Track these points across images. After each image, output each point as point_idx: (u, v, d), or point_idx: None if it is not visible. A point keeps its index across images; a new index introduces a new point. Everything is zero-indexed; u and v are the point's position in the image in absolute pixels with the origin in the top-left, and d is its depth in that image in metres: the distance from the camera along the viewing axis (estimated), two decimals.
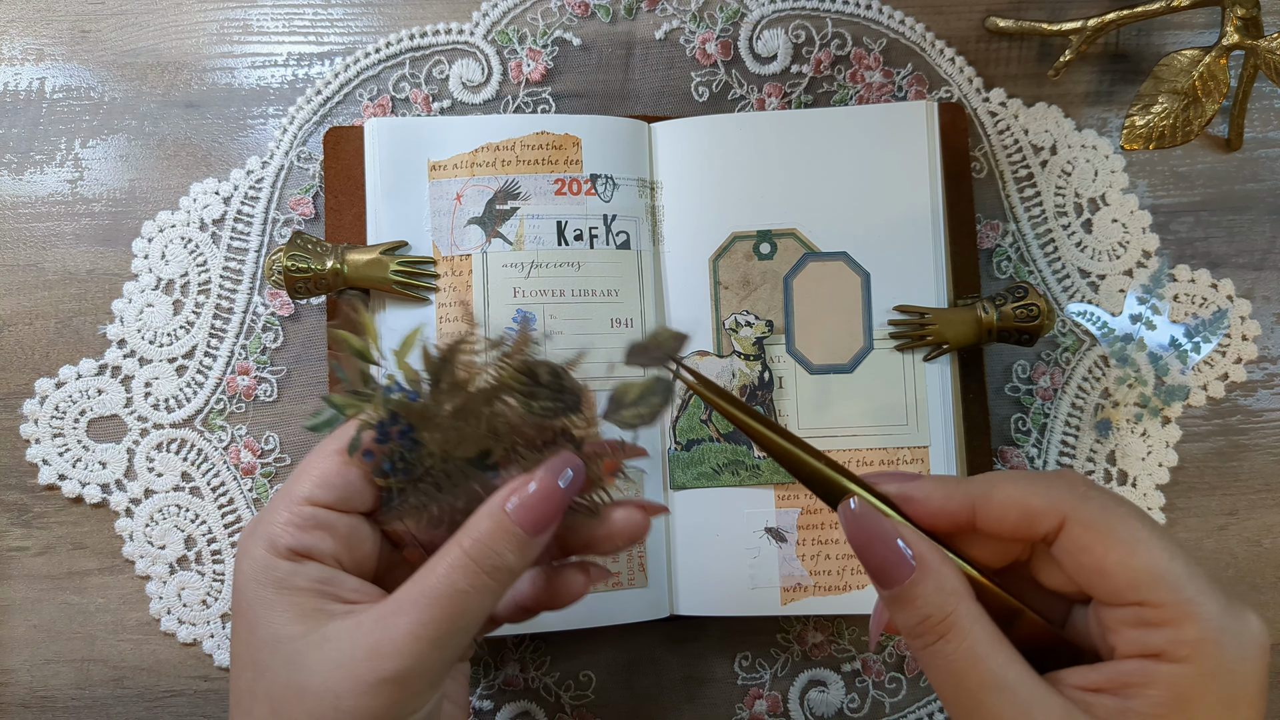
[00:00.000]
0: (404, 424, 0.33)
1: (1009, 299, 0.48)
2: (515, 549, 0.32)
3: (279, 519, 0.33)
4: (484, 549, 0.31)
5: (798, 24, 0.54)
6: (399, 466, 0.33)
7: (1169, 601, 0.28)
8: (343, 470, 0.33)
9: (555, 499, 0.32)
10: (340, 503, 0.33)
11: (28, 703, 0.50)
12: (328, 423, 0.34)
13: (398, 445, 0.33)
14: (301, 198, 0.53)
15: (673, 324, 0.49)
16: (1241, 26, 0.49)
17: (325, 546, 0.33)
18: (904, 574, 0.30)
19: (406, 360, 0.33)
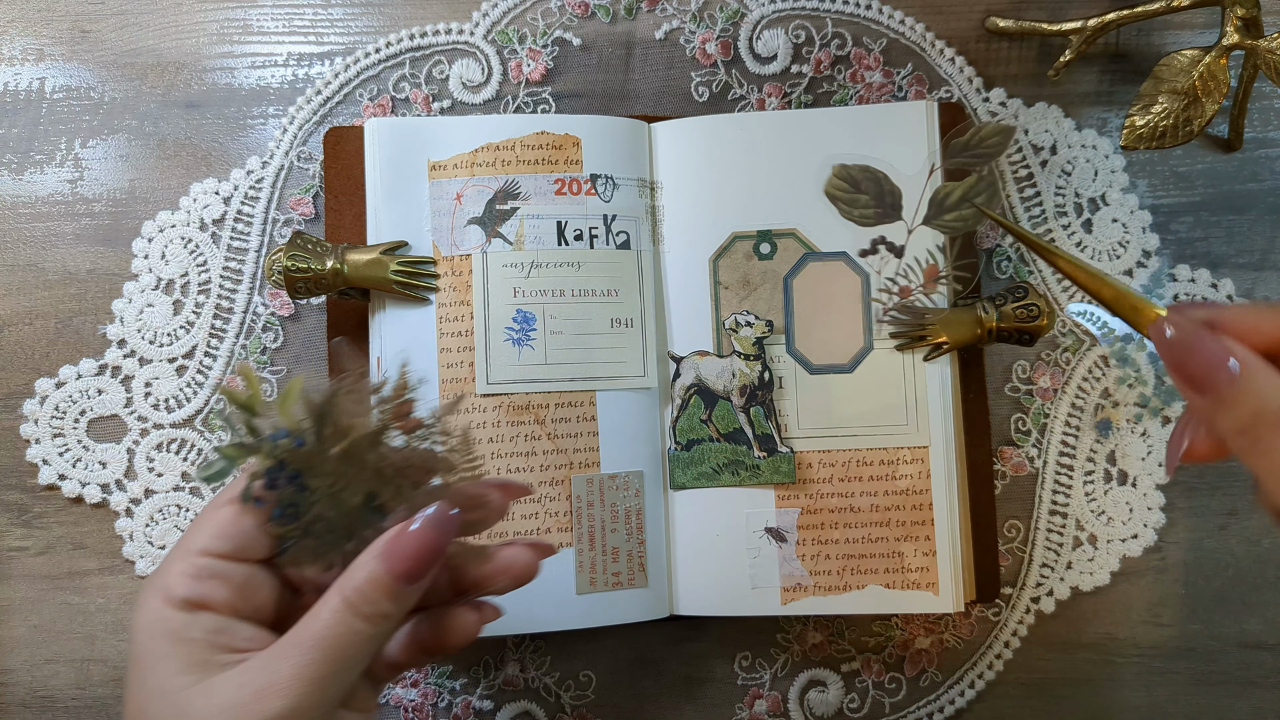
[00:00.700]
0: (291, 471, 0.34)
1: (1009, 299, 0.48)
2: (391, 596, 0.33)
3: (174, 570, 0.33)
4: (361, 596, 0.32)
5: (798, 24, 0.54)
6: (289, 513, 0.34)
7: None
8: (237, 520, 0.34)
9: (430, 547, 0.33)
10: (236, 552, 0.34)
11: (28, 703, 0.50)
12: (219, 473, 0.35)
13: (287, 492, 0.34)
14: (301, 198, 0.53)
15: (673, 324, 0.49)
16: (1241, 26, 0.49)
17: (220, 596, 0.34)
18: (1227, 378, 0.30)
19: (290, 410, 0.34)
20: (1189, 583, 0.52)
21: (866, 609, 0.48)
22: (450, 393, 0.46)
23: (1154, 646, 0.51)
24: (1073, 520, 0.52)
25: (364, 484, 0.34)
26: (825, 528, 0.48)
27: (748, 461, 0.48)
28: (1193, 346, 0.31)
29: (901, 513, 0.48)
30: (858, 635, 0.51)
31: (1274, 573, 0.52)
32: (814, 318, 0.49)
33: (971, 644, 0.51)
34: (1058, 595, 0.51)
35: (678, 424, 0.49)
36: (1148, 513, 0.52)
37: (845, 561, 0.48)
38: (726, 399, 0.48)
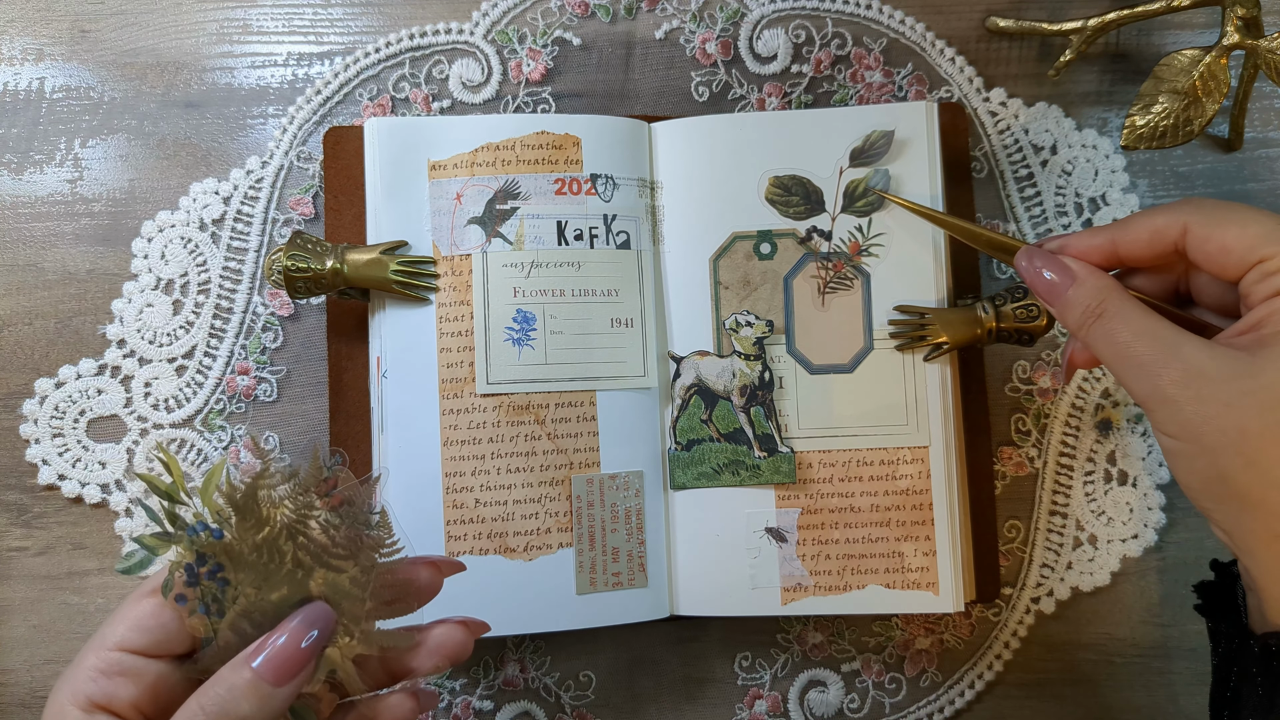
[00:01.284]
0: (213, 564, 0.33)
1: (1009, 299, 0.48)
2: (253, 699, 0.32)
3: (87, 664, 0.33)
4: (219, 702, 0.31)
5: (798, 24, 0.54)
6: (212, 609, 0.33)
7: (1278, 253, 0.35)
8: (156, 613, 0.33)
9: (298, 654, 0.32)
10: (153, 647, 0.33)
11: (28, 703, 0.50)
12: (140, 564, 0.34)
13: (209, 587, 0.33)
14: (301, 197, 0.53)
15: (673, 324, 0.49)
16: (1242, 26, 0.49)
17: (126, 694, 0.33)
18: (1066, 284, 0.39)
19: (211, 498, 0.33)
20: (1189, 583, 0.51)
21: (866, 609, 0.47)
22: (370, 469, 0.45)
23: (1154, 646, 0.51)
24: (1073, 520, 0.52)
25: (284, 579, 0.33)
26: (825, 528, 0.48)
27: (748, 461, 0.48)
28: (1042, 265, 0.40)
29: (901, 513, 0.48)
30: (858, 635, 0.51)
31: None
32: (814, 318, 0.49)
33: (971, 644, 0.51)
34: (1058, 595, 0.51)
35: (678, 424, 0.49)
36: (1148, 513, 0.52)
37: (845, 561, 0.48)
38: (727, 399, 0.48)
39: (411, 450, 0.46)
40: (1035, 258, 0.40)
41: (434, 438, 0.46)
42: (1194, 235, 0.37)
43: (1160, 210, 0.38)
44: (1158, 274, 0.40)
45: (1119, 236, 0.39)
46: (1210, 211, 0.37)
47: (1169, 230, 0.38)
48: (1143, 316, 0.37)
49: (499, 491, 0.47)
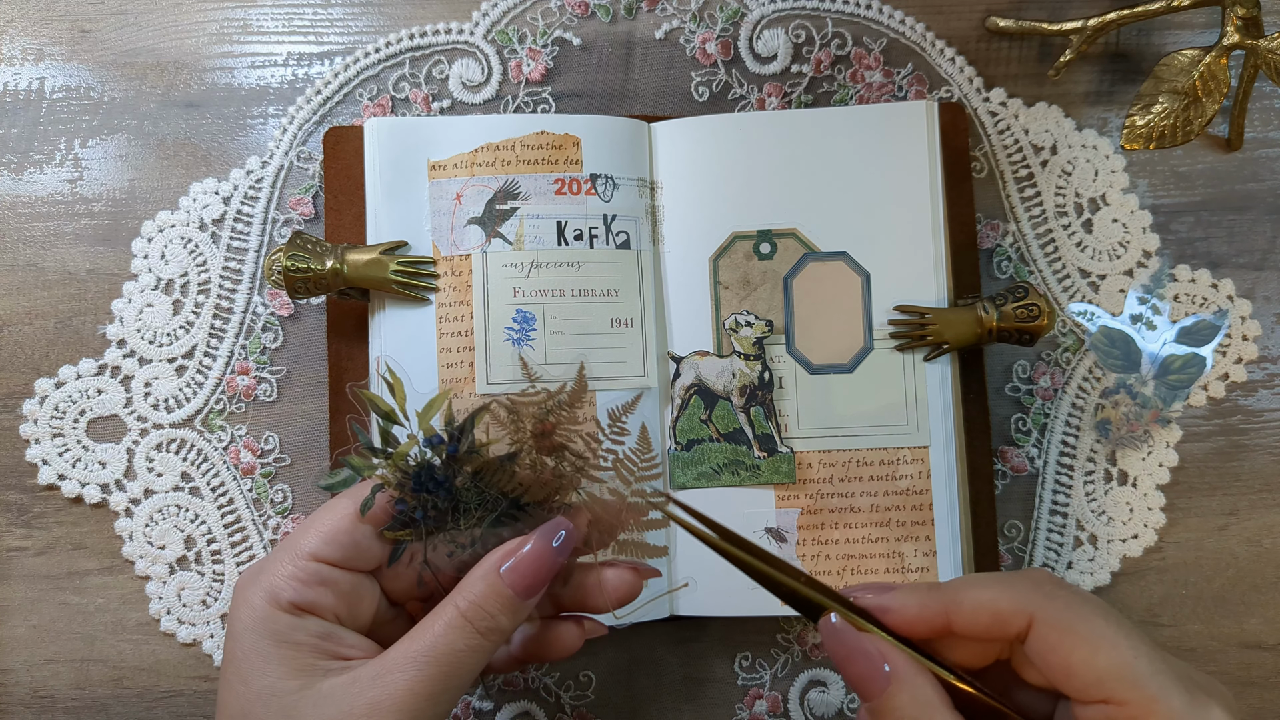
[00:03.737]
0: (441, 474, 0.34)
1: (1009, 299, 0.48)
2: (507, 610, 0.33)
3: (283, 571, 0.34)
4: (478, 610, 0.33)
5: (798, 24, 0.54)
6: (430, 515, 0.34)
7: (1133, 699, 0.29)
8: (351, 529, 0.34)
9: (546, 563, 0.34)
10: (345, 560, 0.34)
11: (28, 703, 0.50)
12: (344, 482, 0.35)
13: (433, 496, 0.34)
14: (301, 198, 0.53)
15: (673, 324, 0.49)
16: (1242, 26, 0.49)
17: (327, 602, 0.34)
18: (881, 686, 0.31)
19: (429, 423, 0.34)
20: (1189, 583, 0.52)
21: None
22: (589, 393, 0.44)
23: None
24: (1073, 520, 0.52)
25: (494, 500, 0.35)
26: (825, 528, 0.48)
27: (748, 461, 0.48)
28: (851, 651, 0.32)
29: (901, 513, 0.48)
30: None
31: (1274, 573, 0.52)
32: (814, 318, 0.49)
33: None
34: None
35: (678, 424, 0.49)
36: (1148, 513, 0.52)
37: (845, 561, 0.48)
38: (726, 399, 0.48)
39: None
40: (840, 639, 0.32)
41: None
42: (1038, 637, 0.31)
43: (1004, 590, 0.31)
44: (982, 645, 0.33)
45: (954, 612, 0.32)
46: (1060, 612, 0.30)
47: (1012, 622, 0.31)
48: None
49: None
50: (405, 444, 0.34)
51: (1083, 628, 0.30)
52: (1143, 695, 0.29)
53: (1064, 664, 0.30)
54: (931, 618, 0.32)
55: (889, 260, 0.49)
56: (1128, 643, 0.30)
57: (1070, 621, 0.30)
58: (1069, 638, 0.30)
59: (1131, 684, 0.29)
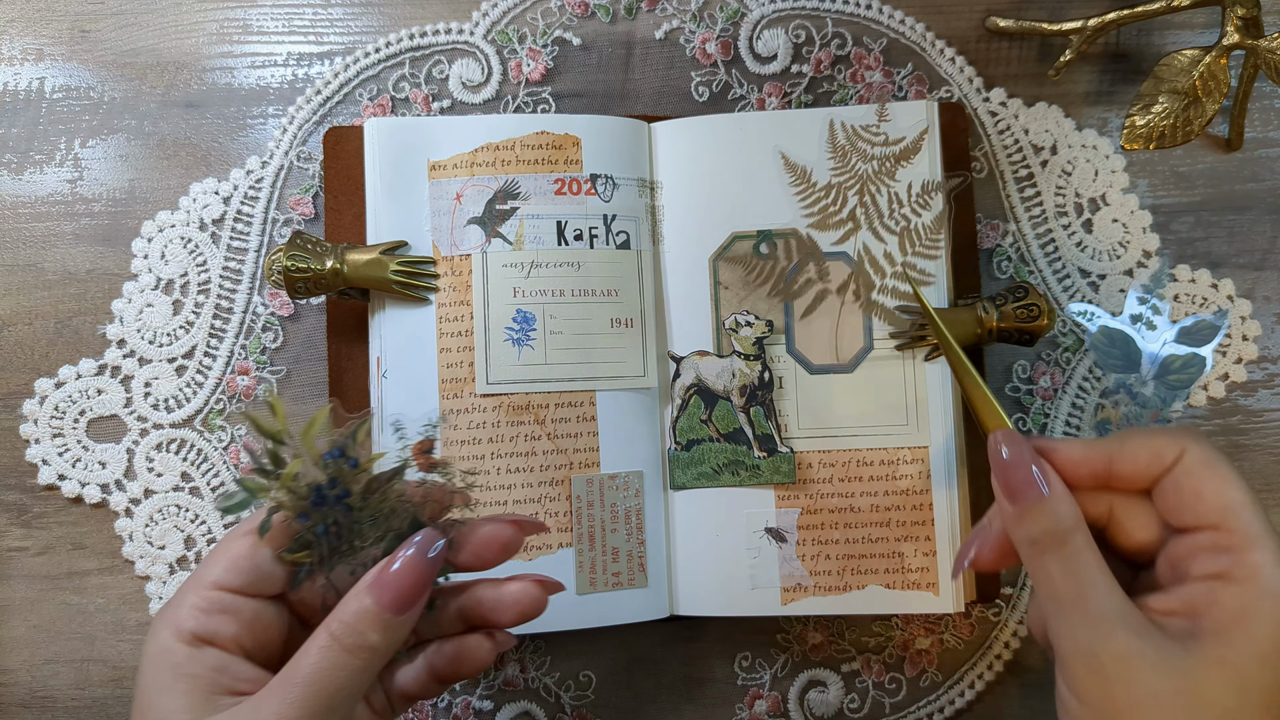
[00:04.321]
0: (340, 489, 0.34)
1: (1009, 299, 0.48)
2: (376, 627, 0.33)
3: (186, 602, 0.34)
4: (347, 629, 0.33)
5: (798, 24, 0.54)
6: (331, 531, 0.34)
7: (1240, 530, 0.33)
8: (252, 554, 0.34)
9: (415, 578, 0.33)
10: (248, 587, 0.34)
11: (28, 703, 0.50)
12: (240, 504, 0.35)
13: (333, 511, 0.34)
14: (301, 198, 0.53)
15: (673, 324, 0.49)
16: (1242, 26, 0.49)
17: (228, 631, 0.34)
18: (1036, 494, 0.35)
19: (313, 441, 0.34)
20: None
21: (866, 609, 0.47)
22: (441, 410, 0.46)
23: None
24: None
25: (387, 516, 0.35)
26: (825, 528, 0.48)
27: (748, 461, 0.48)
28: (1018, 462, 0.36)
29: (901, 513, 0.48)
30: (858, 635, 0.51)
31: None
32: (814, 318, 0.49)
33: (971, 644, 0.51)
34: None
35: (678, 424, 0.49)
36: None
37: (845, 561, 0.48)
38: (726, 399, 0.48)
39: None
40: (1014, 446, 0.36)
41: None
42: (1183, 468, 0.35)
43: (1161, 433, 0.36)
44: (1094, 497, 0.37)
45: (1117, 455, 0.36)
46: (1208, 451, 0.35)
47: (1168, 453, 0.35)
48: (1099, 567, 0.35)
49: (499, 491, 0.47)
50: (292, 464, 0.34)
51: (1220, 467, 0.34)
52: (1251, 530, 0.33)
53: (1197, 489, 0.34)
54: (1095, 460, 0.36)
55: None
56: (1251, 497, 0.34)
57: (1212, 459, 0.34)
58: (1210, 470, 0.34)
59: (1246, 520, 0.33)
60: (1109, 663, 0.33)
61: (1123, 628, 0.33)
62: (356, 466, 0.34)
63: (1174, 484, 0.35)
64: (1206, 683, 0.32)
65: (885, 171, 0.39)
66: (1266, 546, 0.33)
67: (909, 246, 0.40)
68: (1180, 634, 0.33)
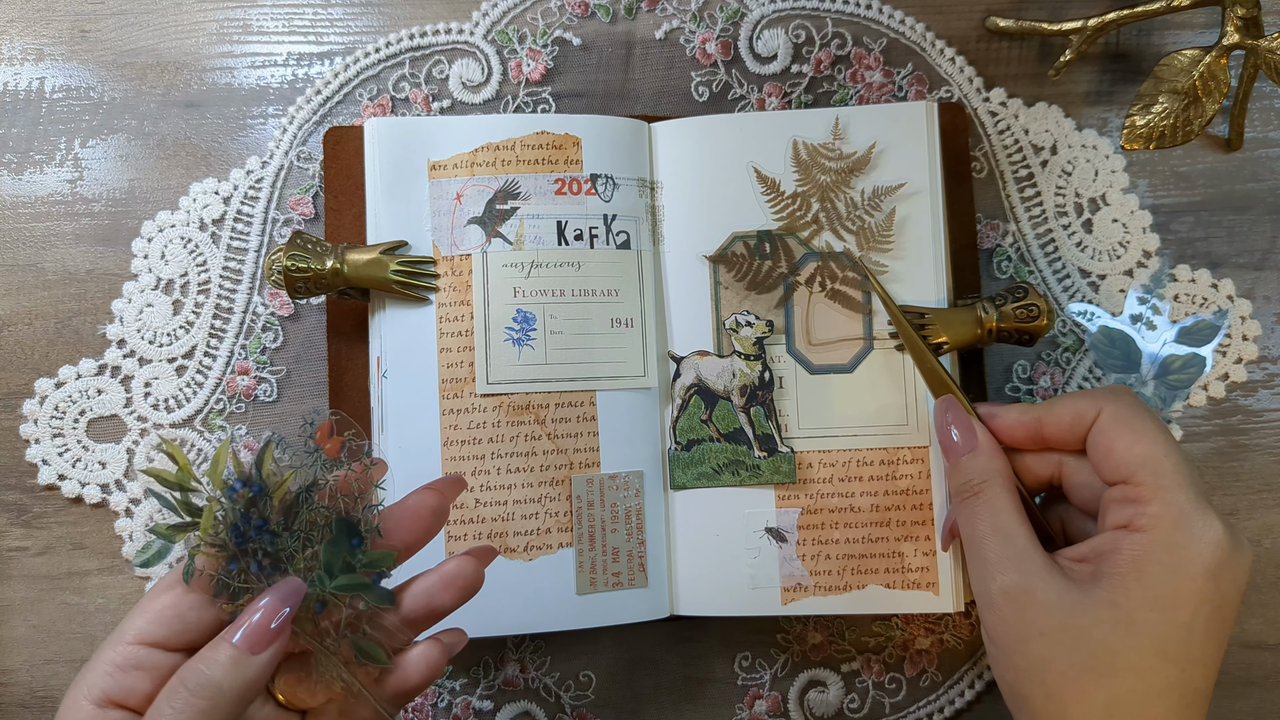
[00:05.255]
0: (258, 519, 0.33)
1: (1009, 299, 0.48)
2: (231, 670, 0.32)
3: (103, 659, 0.33)
4: (192, 668, 0.32)
5: (798, 24, 0.54)
6: (265, 564, 0.33)
7: (1147, 482, 0.35)
8: (176, 603, 0.34)
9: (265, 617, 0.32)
10: (171, 639, 0.33)
11: (28, 703, 0.50)
12: (158, 555, 0.34)
13: (261, 542, 0.33)
14: (301, 198, 0.53)
15: (673, 324, 0.49)
16: (1242, 26, 0.49)
17: (142, 688, 0.33)
18: (964, 449, 0.41)
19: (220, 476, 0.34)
20: None
21: (866, 609, 0.47)
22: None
23: None
24: None
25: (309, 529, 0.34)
26: (825, 528, 0.48)
27: (748, 461, 0.48)
28: (954, 419, 0.42)
29: (902, 513, 0.48)
30: (858, 635, 0.51)
31: (1274, 573, 0.52)
32: (814, 318, 0.49)
33: (971, 644, 0.51)
34: None
35: (678, 424, 0.49)
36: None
37: (845, 561, 0.48)
38: (727, 399, 0.48)
39: (411, 450, 0.46)
40: (950, 411, 0.42)
41: (434, 438, 0.46)
42: (1098, 427, 0.38)
43: (1085, 395, 0.39)
44: (1042, 457, 0.41)
45: (1046, 415, 0.40)
46: (1123, 409, 0.37)
47: (1087, 415, 0.38)
48: (1009, 514, 0.38)
49: (499, 491, 0.47)
50: (208, 506, 0.33)
51: (1135, 423, 0.37)
52: (1157, 482, 0.35)
53: (1109, 446, 0.37)
54: (1029, 423, 0.40)
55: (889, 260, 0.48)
56: (1167, 447, 0.36)
57: (1126, 416, 0.37)
58: (1121, 427, 0.37)
59: (1153, 472, 0.35)
60: (1000, 599, 0.36)
61: (1017, 569, 0.36)
62: (261, 492, 0.33)
63: (1093, 442, 0.38)
64: (1097, 622, 0.34)
65: (841, 181, 0.47)
66: (1170, 500, 0.35)
67: (864, 243, 0.48)
68: (1083, 578, 0.36)
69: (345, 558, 0.34)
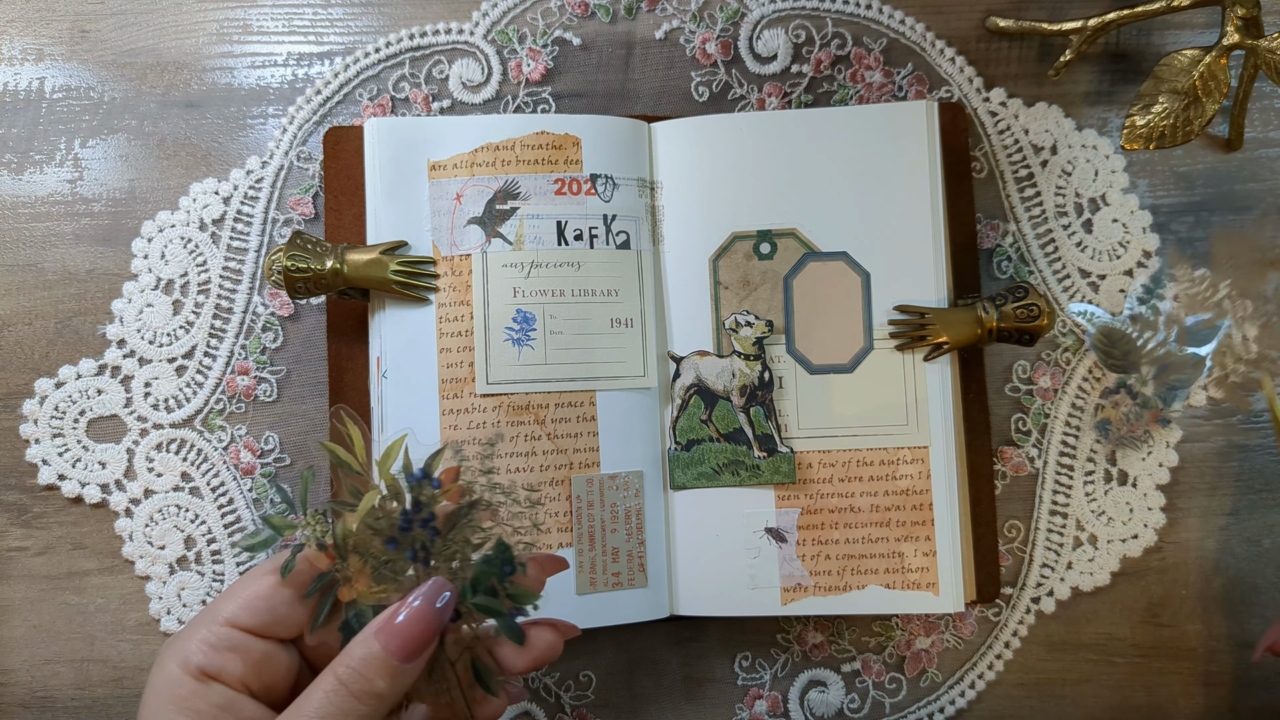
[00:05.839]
0: (427, 513, 0.34)
1: (1009, 299, 0.48)
2: (385, 675, 0.32)
3: (196, 636, 0.34)
4: (355, 675, 0.32)
5: (798, 24, 0.54)
6: (420, 556, 0.34)
7: None
8: (270, 595, 0.34)
9: (424, 627, 0.33)
10: (261, 628, 0.34)
11: (28, 703, 0.50)
12: (264, 543, 0.35)
13: (420, 535, 0.34)
14: (301, 198, 0.53)
15: (673, 324, 0.49)
16: (1242, 26, 0.49)
17: (235, 669, 0.34)
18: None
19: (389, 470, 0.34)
20: (1189, 583, 0.52)
21: (866, 609, 0.47)
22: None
23: (1154, 646, 0.51)
24: (1073, 520, 0.52)
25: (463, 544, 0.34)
26: (825, 528, 0.48)
27: (748, 461, 0.48)
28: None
29: (901, 513, 0.48)
30: (858, 635, 0.51)
31: (1274, 573, 0.52)
32: (814, 318, 0.49)
33: (971, 644, 0.51)
34: (1058, 595, 0.51)
35: (678, 424, 0.49)
36: (1148, 513, 0.52)
37: (845, 561, 0.48)
38: (726, 399, 0.48)
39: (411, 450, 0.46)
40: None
41: (434, 438, 0.46)
42: None
43: None
44: None
45: None
46: None
47: None
48: None
49: None
50: (369, 495, 0.33)
51: None
52: None
53: None
54: None
55: (889, 260, 0.49)
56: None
57: None
58: None
59: None
60: None
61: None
62: (440, 488, 0.34)
63: None
64: None
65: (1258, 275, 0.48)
66: None
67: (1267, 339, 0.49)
68: None
69: (495, 580, 0.34)
